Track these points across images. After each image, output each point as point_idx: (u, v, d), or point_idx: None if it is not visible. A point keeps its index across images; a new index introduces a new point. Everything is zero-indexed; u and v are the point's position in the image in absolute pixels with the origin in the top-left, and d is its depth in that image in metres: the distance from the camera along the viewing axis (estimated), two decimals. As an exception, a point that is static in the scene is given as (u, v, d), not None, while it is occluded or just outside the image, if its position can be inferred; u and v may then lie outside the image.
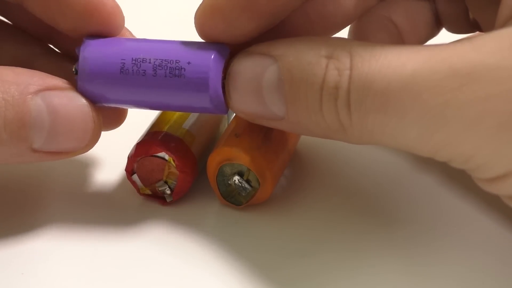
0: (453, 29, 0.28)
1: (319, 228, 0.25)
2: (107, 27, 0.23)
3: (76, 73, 0.23)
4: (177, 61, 0.22)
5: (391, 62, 0.19)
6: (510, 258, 0.24)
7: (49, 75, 0.23)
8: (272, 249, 0.24)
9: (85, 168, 0.27)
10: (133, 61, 0.22)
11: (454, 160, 0.20)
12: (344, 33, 0.27)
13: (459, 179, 0.27)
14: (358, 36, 0.27)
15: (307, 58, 0.20)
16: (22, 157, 0.22)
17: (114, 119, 0.26)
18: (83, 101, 0.22)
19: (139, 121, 0.27)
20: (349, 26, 0.27)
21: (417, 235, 0.25)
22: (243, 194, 0.25)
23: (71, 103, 0.22)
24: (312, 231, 0.25)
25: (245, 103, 0.22)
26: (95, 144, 0.23)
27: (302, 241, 0.24)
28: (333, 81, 0.20)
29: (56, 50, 0.28)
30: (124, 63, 0.22)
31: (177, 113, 0.26)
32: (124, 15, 0.24)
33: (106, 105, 0.23)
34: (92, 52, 0.23)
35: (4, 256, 0.23)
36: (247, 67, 0.22)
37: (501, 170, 0.19)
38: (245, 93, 0.22)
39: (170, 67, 0.22)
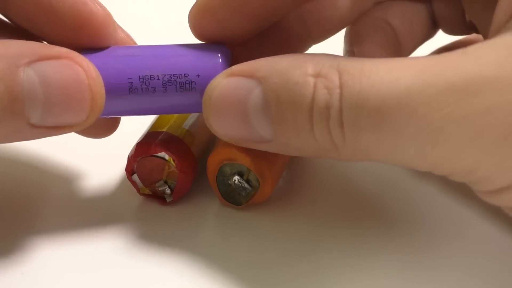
0: (450, 31, 0.28)
1: (319, 228, 0.25)
2: (99, 38, 0.23)
3: None
4: (186, 75, 0.22)
5: (384, 78, 0.18)
6: (510, 260, 0.24)
7: (44, 45, 0.21)
8: (272, 249, 0.24)
9: (85, 168, 0.27)
10: (141, 79, 0.22)
11: (454, 175, 0.19)
12: (340, 35, 0.28)
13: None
14: (355, 39, 0.27)
15: (293, 78, 0.20)
16: (23, 133, 0.21)
17: (107, 127, 0.25)
18: (77, 68, 0.21)
19: (139, 121, 0.26)
20: (345, 29, 0.28)
21: (417, 235, 0.25)
22: (243, 194, 0.25)
23: (65, 71, 0.21)
24: (312, 231, 0.25)
25: (229, 128, 0.21)
26: (97, 115, 0.21)
27: (302, 241, 0.24)
28: (323, 100, 0.19)
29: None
30: (132, 82, 0.22)
31: (177, 113, 0.26)
32: (119, 13, 0.24)
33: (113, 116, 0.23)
34: None
35: (4, 256, 0.23)
36: (230, 91, 0.21)
37: (504, 182, 0.19)
38: (230, 117, 0.21)
39: (180, 82, 0.22)
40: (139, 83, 0.22)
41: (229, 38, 0.22)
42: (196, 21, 0.22)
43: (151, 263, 0.23)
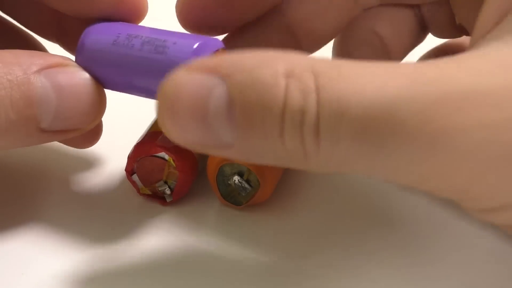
0: (440, 34, 0.28)
1: (319, 228, 0.25)
2: (133, 15, 0.24)
3: None
4: (164, 40, 0.22)
5: (367, 85, 0.17)
6: (509, 260, 0.24)
7: (48, 54, 0.23)
8: (272, 249, 0.24)
9: (85, 168, 0.27)
10: (127, 36, 0.23)
11: (442, 192, 0.18)
12: (329, 47, 0.28)
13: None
14: (342, 51, 0.27)
15: (261, 77, 0.17)
16: (31, 138, 0.22)
17: (89, 136, 0.26)
18: (86, 75, 0.22)
19: (139, 121, 0.26)
20: (333, 40, 0.28)
21: (417, 235, 0.25)
22: (243, 194, 0.25)
23: (75, 78, 0.22)
24: (312, 231, 0.25)
25: (185, 131, 0.18)
26: (100, 118, 0.23)
27: (302, 241, 0.25)
28: (297, 105, 0.17)
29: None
30: (119, 36, 0.23)
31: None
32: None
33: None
34: (94, 28, 0.23)
35: (4, 256, 0.23)
36: (189, 88, 0.18)
37: (498, 202, 0.18)
38: (187, 119, 0.18)
39: (156, 44, 0.22)
40: (124, 39, 0.23)
41: (214, 28, 0.23)
42: (182, 10, 0.23)
43: (151, 263, 0.23)
